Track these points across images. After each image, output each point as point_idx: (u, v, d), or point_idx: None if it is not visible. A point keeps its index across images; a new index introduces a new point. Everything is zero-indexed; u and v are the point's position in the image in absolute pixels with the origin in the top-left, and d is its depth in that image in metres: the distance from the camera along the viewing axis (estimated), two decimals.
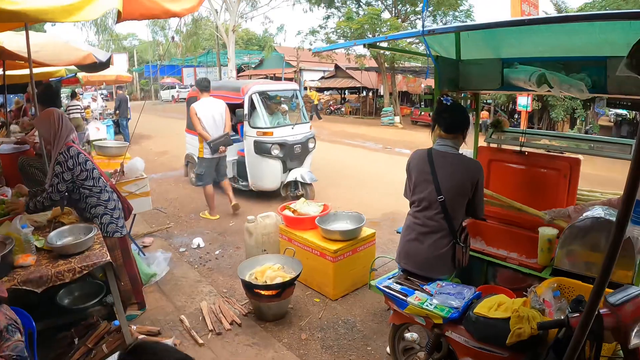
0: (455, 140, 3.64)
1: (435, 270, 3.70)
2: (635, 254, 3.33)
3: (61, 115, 4.53)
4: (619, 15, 2.76)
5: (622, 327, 2.21)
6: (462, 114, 3.68)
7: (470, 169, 3.56)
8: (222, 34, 30.00)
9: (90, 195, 4.56)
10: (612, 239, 1.65)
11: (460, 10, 30.43)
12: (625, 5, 19.13)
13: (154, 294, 5.63)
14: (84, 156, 4.50)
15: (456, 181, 3.55)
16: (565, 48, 4.01)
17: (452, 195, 3.57)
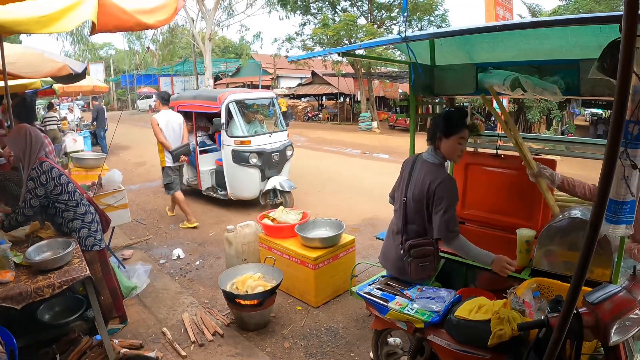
0: (432, 149, 3.68)
1: (401, 272, 3.77)
2: (612, 252, 3.38)
3: (31, 131, 4.47)
4: (588, 19, 2.81)
5: (602, 325, 2.24)
6: (433, 122, 3.71)
7: (432, 178, 3.53)
8: (198, 42, 29.97)
9: (66, 210, 4.51)
10: (586, 238, 1.68)
11: (436, 15, 30.65)
12: (598, 7, 19.37)
13: (135, 307, 5.58)
14: (57, 170, 4.45)
15: (419, 188, 3.60)
16: (539, 52, 4.08)
17: (412, 200, 3.65)
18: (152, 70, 48.65)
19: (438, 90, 4.76)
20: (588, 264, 1.69)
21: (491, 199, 4.68)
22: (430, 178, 3.53)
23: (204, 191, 10.24)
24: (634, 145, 2.21)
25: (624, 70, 1.49)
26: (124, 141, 20.10)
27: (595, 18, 2.71)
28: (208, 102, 9.62)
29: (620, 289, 2.41)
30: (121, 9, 3.58)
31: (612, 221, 2.38)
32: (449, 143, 3.57)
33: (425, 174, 3.59)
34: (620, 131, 1.54)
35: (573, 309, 1.80)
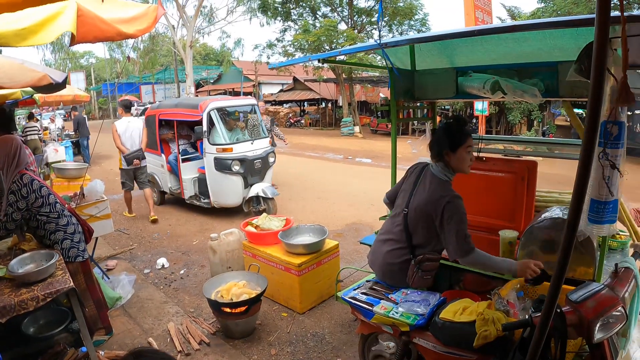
0: (441, 165, 3.58)
1: (388, 277, 3.78)
2: (595, 251, 3.41)
3: (20, 146, 4.42)
4: (563, 23, 2.84)
5: (585, 323, 2.27)
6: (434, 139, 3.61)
7: (438, 195, 3.46)
8: (179, 49, 29.89)
9: (48, 222, 4.47)
10: (564, 238, 1.69)
11: (416, 19, 30.85)
12: (576, 8, 19.56)
13: (120, 317, 5.53)
14: (38, 182, 4.40)
15: (422, 202, 3.55)
16: (518, 55, 4.11)
17: (414, 213, 3.59)
18: (134, 79, 48.39)
19: (419, 95, 4.78)
20: (567, 264, 1.70)
21: (474, 201, 4.69)
22: (438, 195, 3.46)
23: (187, 199, 10.21)
24: (614, 146, 2.23)
25: (597, 71, 1.51)
26: (105, 151, 19.92)
27: (570, 21, 2.74)
28: (189, 110, 9.59)
29: (603, 287, 2.45)
30: (101, 19, 3.56)
31: (595, 221, 2.41)
32: (458, 156, 3.49)
33: (434, 191, 3.51)
34: (595, 131, 1.55)
35: (554, 308, 1.81)
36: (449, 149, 3.47)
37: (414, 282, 3.63)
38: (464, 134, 3.47)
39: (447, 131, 3.51)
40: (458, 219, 3.37)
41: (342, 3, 32.01)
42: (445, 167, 3.55)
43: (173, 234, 8.83)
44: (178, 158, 10.08)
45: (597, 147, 2.20)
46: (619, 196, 2.42)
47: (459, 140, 3.45)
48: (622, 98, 2.01)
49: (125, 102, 10.08)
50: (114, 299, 5.71)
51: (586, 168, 1.58)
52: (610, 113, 2.18)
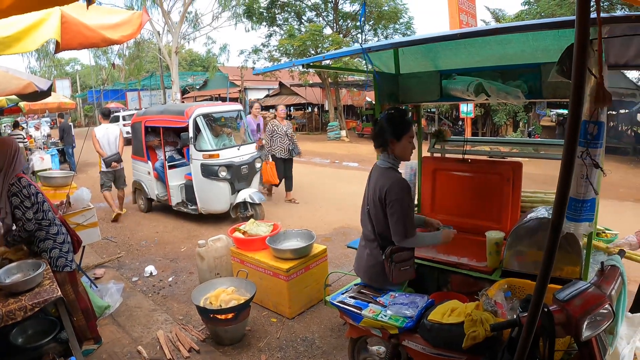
0: (384, 154, 3.69)
1: (373, 279, 3.82)
2: (581, 250, 3.44)
3: (18, 148, 4.44)
4: (545, 25, 2.86)
5: (573, 321, 2.28)
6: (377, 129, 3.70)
7: (382, 181, 3.59)
8: (165, 56, 29.79)
9: (39, 229, 4.44)
10: (548, 238, 1.71)
11: (401, 22, 30.99)
12: (560, 10, 19.70)
13: (109, 326, 5.48)
14: (34, 187, 4.40)
15: (373, 193, 3.66)
16: (502, 57, 4.14)
17: (372, 207, 3.70)
18: (119, 85, 48.19)
19: (403, 98, 4.80)
20: (552, 264, 1.72)
21: (460, 203, 4.73)
22: (382, 183, 3.58)
23: (174, 206, 10.17)
24: (594, 145, 2.25)
25: (578, 71, 1.52)
26: (92, 158, 19.76)
27: (551, 23, 2.77)
28: (175, 117, 9.57)
29: (590, 285, 2.46)
30: (85, 26, 3.55)
31: (573, 219, 2.43)
32: (402, 144, 3.59)
33: (377, 179, 3.65)
34: (576, 131, 1.57)
35: (540, 307, 1.83)
36: (394, 138, 3.57)
37: (394, 277, 3.66)
38: (407, 123, 3.61)
39: (390, 121, 3.60)
40: (399, 203, 3.50)
41: (327, 8, 32.15)
42: (388, 156, 3.66)
43: (161, 241, 8.79)
44: (164, 165, 10.05)
45: (578, 146, 2.22)
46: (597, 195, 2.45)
47: (403, 129, 3.57)
48: (599, 98, 2.04)
49: (104, 110, 11.29)
50: (102, 308, 5.67)
51: (569, 167, 1.60)
52: (590, 113, 2.20)
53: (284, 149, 11.19)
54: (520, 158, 4.92)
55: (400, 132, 3.56)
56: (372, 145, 3.75)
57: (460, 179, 4.82)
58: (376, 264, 3.74)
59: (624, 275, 2.77)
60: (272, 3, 31.08)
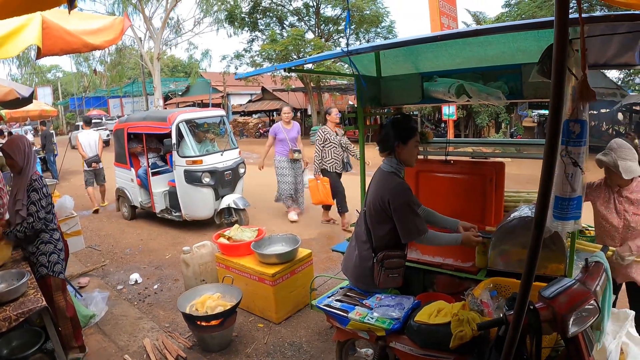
0: (389, 158, 3.72)
1: (360, 280, 3.84)
2: (565, 247, 3.46)
3: (29, 142, 4.46)
4: (523, 26, 2.88)
5: (559, 318, 2.29)
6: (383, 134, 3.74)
7: (383, 187, 3.63)
8: (147, 62, 29.69)
9: (44, 231, 4.45)
10: (532, 237, 1.72)
11: (382, 26, 31.11)
12: (540, 12, 19.88)
13: (94, 335, 5.43)
14: (47, 189, 4.45)
15: (373, 196, 3.69)
16: (483, 58, 4.17)
17: (370, 210, 3.72)
18: (101, 92, 47.94)
19: (385, 101, 4.82)
20: (536, 261, 1.73)
21: (444, 204, 4.74)
22: (383, 187, 3.61)
23: (158, 213, 10.12)
24: (576, 144, 2.27)
25: (558, 71, 1.53)
26: (74, 166, 19.69)
27: (531, 24, 2.79)
28: (158, 123, 9.53)
29: (574, 282, 2.48)
30: (66, 31, 3.54)
31: (560, 217, 2.45)
32: (408, 148, 3.63)
33: (378, 183, 3.68)
34: (558, 130, 1.58)
35: (526, 305, 1.84)
36: (401, 142, 3.61)
37: (380, 282, 3.68)
38: (413, 128, 3.66)
39: (397, 126, 3.64)
40: (404, 206, 3.53)
41: (309, 12, 32.18)
42: (393, 160, 3.69)
43: (145, 249, 8.74)
44: (148, 171, 9.99)
45: (561, 145, 2.24)
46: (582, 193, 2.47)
47: (409, 133, 3.62)
48: (584, 94, 2.06)
49: (86, 118, 13.57)
50: (88, 317, 5.62)
51: (550, 166, 1.62)
52: (572, 112, 2.21)
53: (339, 162, 9.28)
54: (502, 158, 4.94)
55: (407, 136, 3.61)
56: (355, 149, 3.77)
57: (443, 180, 4.83)
58: (365, 265, 3.76)
59: (608, 271, 2.79)
60: (254, 8, 31.05)
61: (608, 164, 3.74)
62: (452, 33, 3.31)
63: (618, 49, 3.02)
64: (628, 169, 3.65)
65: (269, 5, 31.70)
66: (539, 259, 1.72)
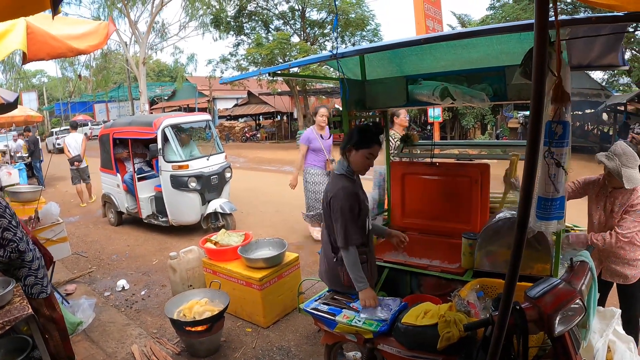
0: (342, 160, 3.77)
1: (332, 283, 3.88)
2: (550, 247, 3.48)
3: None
4: (505, 29, 2.90)
5: (545, 318, 2.31)
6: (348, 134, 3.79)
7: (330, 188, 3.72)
8: (132, 67, 29.63)
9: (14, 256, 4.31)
10: (515, 237, 1.73)
11: (368, 29, 31.17)
12: (525, 14, 20.00)
13: (82, 342, 5.39)
14: (11, 210, 4.23)
15: (324, 197, 3.77)
16: (467, 61, 4.19)
17: (325, 212, 3.79)
18: (87, 97, 47.72)
19: (370, 104, 4.82)
20: (519, 261, 1.74)
21: (430, 207, 4.76)
22: (329, 189, 3.69)
23: (145, 219, 10.07)
24: (559, 145, 2.29)
25: (538, 71, 1.55)
26: (60, 172, 19.59)
27: (513, 26, 2.81)
28: (143, 128, 9.50)
29: (560, 281, 2.50)
30: (51, 36, 3.53)
31: (544, 218, 2.46)
32: (358, 156, 3.63)
33: (328, 184, 3.77)
34: (538, 131, 1.60)
35: (510, 305, 1.85)
36: (353, 146, 3.63)
37: (346, 280, 3.71)
38: (373, 141, 3.63)
39: (361, 131, 3.68)
40: (339, 212, 3.56)
41: (294, 16, 32.25)
42: (344, 162, 3.72)
43: (132, 255, 8.69)
44: (134, 177, 9.94)
45: (543, 146, 2.26)
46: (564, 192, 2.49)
47: (365, 144, 3.61)
48: (558, 97, 2.09)
49: (72, 123, 15.07)
50: (75, 324, 5.58)
51: (532, 167, 1.63)
52: (554, 113, 2.23)
53: None
54: (488, 160, 4.97)
55: (360, 144, 3.61)
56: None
57: (429, 182, 4.85)
58: (331, 267, 3.81)
59: (593, 271, 2.82)
60: (240, 12, 31.10)
61: (611, 170, 3.77)
62: (435, 36, 3.32)
63: (601, 50, 3.06)
64: (630, 178, 3.67)
65: (255, 9, 31.77)
66: (525, 260, 1.73)
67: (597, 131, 24.91)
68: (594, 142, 22.45)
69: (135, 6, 28.68)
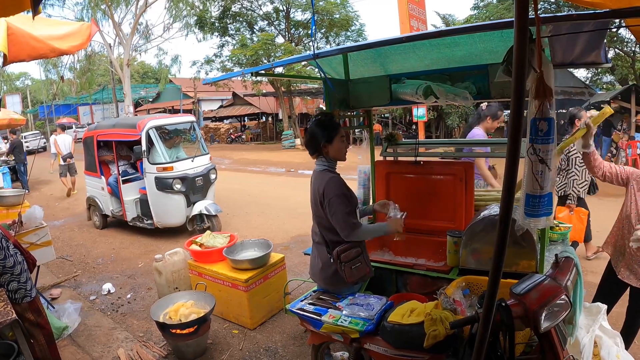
0: (321, 159, 3.79)
1: (328, 283, 3.86)
2: (535, 244, 3.50)
3: None
4: (488, 26, 2.91)
5: (531, 314, 2.31)
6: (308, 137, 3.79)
7: (319, 185, 3.71)
8: (116, 68, 29.52)
9: None
10: (497, 233, 1.73)
11: (352, 30, 31.24)
12: (508, 14, 20.14)
13: (68, 347, 5.34)
14: None
15: (314, 197, 3.78)
16: (450, 60, 4.19)
17: (315, 211, 3.82)
18: (71, 100, 47.41)
19: (354, 104, 4.81)
20: (503, 257, 1.74)
21: (415, 205, 4.76)
22: (318, 185, 3.69)
23: (130, 222, 10.01)
24: (544, 141, 2.29)
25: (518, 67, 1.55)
26: (44, 175, 19.48)
27: (494, 24, 2.82)
28: (128, 130, 9.42)
29: (545, 277, 2.51)
30: (33, 37, 3.50)
31: (532, 215, 2.46)
32: (335, 146, 3.69)
33: (315, 182, 3.77)
34: (519, 127, 1.61)
35: (494, 301, 1.85)
36: (326, 141, 3.67)
37: (347, 276, 3.70)
38: (335, 125, 3.71)
39: (320, 126, 3.70)
40: (335, 201, 3.59)
41: (278, 16, 32.26)
42: (323, 159, 3.76)
43: (117, 258, 8.63)
44: (118, 179, 9.89)
45: (529, 143, 2.26)
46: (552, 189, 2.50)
47: (333, 131, 3.67)
48: (540, 92, 2.09)
49: (61, 125, 17.36)
50: (61, 329, 5.53)
51: (513, 163, 1.64)
52: (538, 109, 2.23)
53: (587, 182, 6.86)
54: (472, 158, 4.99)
55: (331, 135, 3.66)
56: None
57: (414, 181, 4.85)
58: (327, 267, 3.79)
59: (578, 266, 2.83)
60: (224, 13, 31.06)
61: None
62: (417, 35, 3.31)
63: (584, 48, 3.06)
64: None
65: (239, 10, 31.73)
66: (510, 256, 1.73)
67: None
68: None
69: (119, 7, 28.57)
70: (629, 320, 4.06)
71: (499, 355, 2.37)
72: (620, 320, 4.23)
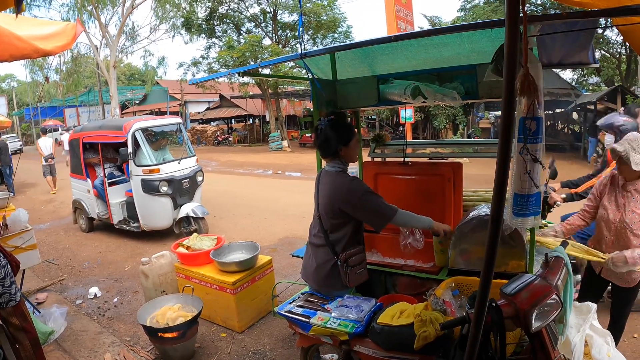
0: (335, 162, 3.69)
1: (322, 284, 3.81)
2: (524, 244, 3.49)
3: None
4: (474, 25, 2.90)
5: (521, 314, 2.30)
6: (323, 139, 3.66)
7: (339, 188, 3.59)
8: (103, 70, 29.44)
9: None
10: (489, 233, 1.72)
11: (339, 31, 31.30)
12: (495, 15, 20.27)
13: (54, 352, 5.27)
14: None
15: (325, 200, 3.66)
16: (438, 60, 4.18)
17: (324, 213, 3.69)
18: (57, 102, 47.17)
19: (341, 104, 4.79)
20: (494, 257, 1.74)
21: (403, 206, 4.72)
22: (339, 189, 3.57)
23: (116, 225, 9.94)
24: (533, 141, 2.28)
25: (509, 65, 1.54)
26: (30, 178, 19.37)
27: (482, 23, 2.82)
28: (114, 132, 9.35)
29: (535, 277, 2.50)
30: (16, 36, 3.46)
31: (520, 214, 2.46)
32: (351, 148, 3.64)
33: (330, 186, 3.63)
34: (510, 126, 1.60)
35: (486, 302, 1.84)
36: (344, 145, 3.60)
37: (350, 281, 3.66)
38: (351, 127, 3.68)
39: (335, 129, 3.61)
40: (366, 195, 3.52)
41: (266, 18, 32.28)
42: (338, 162, 3.68)
43: (104, 261, 8.57)
44: (104, 182, 9.83)
45: (518, 142, 2.25)
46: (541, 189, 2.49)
47: (350, 134, 3.62)
48: (525, 88, 2.09)
49: (42, 128, 20.15)
50: (47, 334, 5.46)
51: (505, 163, 1.64)
52: (527, 109, 2.22)
53: None
54: (460, 159, 4.99)
55: (348, 138, 3.60)
56: (314, 155, 3.72)
57: (402, 181, 4.84)
58: (326, 269, 3.72)
59: (568, 266, 2.83)
60: (211, 14, 31.04)
61: (620, 153, 3.77)
62: (405, 34, 3.31)
63: (572, 48, 3.06)
64: (638, 161, 3.70)
65: (226, 11, 31.69)
66: (500, 257, 1.72)
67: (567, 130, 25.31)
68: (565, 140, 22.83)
69: (105, 9, 28.46)
70: (614, 317, 4.10)
71: (490, 356, 2.35)
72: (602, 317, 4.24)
